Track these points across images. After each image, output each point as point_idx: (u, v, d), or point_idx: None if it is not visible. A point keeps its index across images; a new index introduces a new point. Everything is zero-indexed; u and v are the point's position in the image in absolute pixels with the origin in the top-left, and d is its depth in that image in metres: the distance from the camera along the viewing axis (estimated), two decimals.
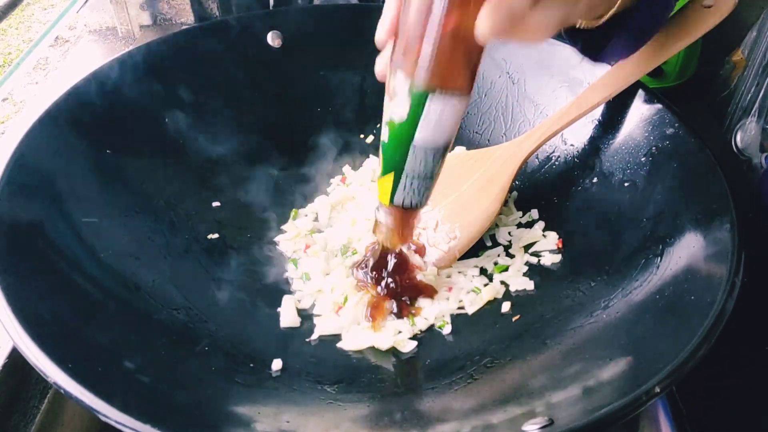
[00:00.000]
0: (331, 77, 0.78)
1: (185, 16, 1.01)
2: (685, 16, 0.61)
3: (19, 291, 0.46)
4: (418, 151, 0.46)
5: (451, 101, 0.44)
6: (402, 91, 0.43)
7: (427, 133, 0.45)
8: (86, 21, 1.03)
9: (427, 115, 0.44)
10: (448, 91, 0.43)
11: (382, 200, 0.52)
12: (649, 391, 0.40)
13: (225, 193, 0.70)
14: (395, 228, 0.54)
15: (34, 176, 0.56)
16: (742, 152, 0.76)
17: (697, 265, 0.50)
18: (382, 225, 0.55)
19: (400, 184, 0.49)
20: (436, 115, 0.44)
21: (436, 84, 0.42)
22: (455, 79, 0.43)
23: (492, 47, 0.75)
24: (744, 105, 0.78)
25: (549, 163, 0.71)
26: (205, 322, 0.57)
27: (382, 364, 0.56)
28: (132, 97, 0.68)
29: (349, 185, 0.73)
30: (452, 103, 0.44)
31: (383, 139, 0.48)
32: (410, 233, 0.56)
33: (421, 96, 0.43)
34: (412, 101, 0.43)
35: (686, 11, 0.61)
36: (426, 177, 0.49)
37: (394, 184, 0.49)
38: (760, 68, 0.76)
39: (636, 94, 0.65)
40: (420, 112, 0.44)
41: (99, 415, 0.39)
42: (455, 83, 0.43)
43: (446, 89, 0.43)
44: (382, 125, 0.47)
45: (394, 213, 0.53)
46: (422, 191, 0.50)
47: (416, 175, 0.48)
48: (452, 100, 0.44)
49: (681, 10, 0.62)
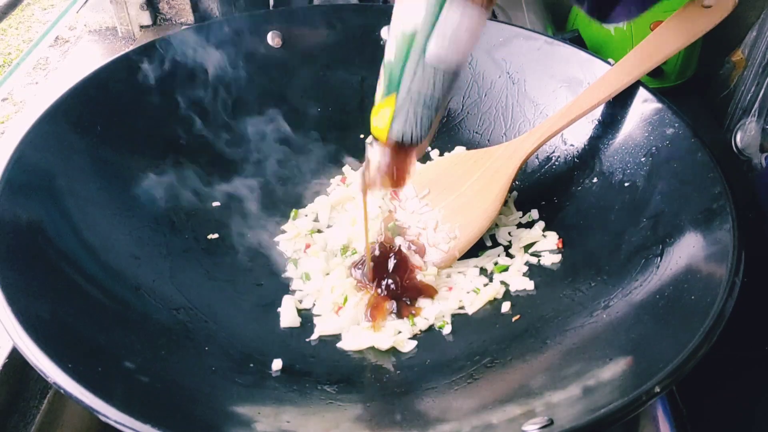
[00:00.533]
0: (331, 77, 0.78)
1: (185, 16, 1.01)
2: (685, 16, 0.61)
3: (19, 291, 0.46)
4: (427, 69, 0.42)
5: (469, 12, 0.40)
6: None
7: (441, 46, 0.41)
8: (86, 21, 1.03)
9: (444, 23, 0.40)
10: None
11: (376, 134, 0.46)
12: (649, 391, 0.40)
13: (225, 193, 0.70)
14: (389, 169, 0.48)
15: (34, 176, 0.56)
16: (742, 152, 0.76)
17: (697, 265, 0.50)
18: (373, 166, 0.49)
19: (402, 111, 0.44)
20: (454, 24, 0.41)
21: None
22: None
23: (492, 47, 0.75)
24: (744, 105, 0.78)
25: (549, 163, 0.71)
26: (205, 322, 0.57)
27: (382, 364, 0.56)
28: (132, 97, 0.68)
29: (349, 185, 0.73)
30: (470, 15, 0.41)
31: (388, 57, 0.43)
32: (404, 177, 0.50)
33: None
34: (429, 4, 0.40)
35: (686, 11, 0.61)
36: (431, 105, 0.44)
37: (395, 111, 0.44)
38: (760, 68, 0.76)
39: (636, 94, 0.65)
40: (437, 17, 0.40)
41: (99, 415, 0.39)
42: None
43: None
44: (388, 42, 0.43)
45: (390, 149, 0.47)
46: (425, 122, 0.45)
47: (421, 100, 0.43)
48: (471, 10, 0.40)
49: (681, 10, 0.62)
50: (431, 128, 0.46)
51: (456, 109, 0.78)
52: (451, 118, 0.78)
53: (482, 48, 0.76)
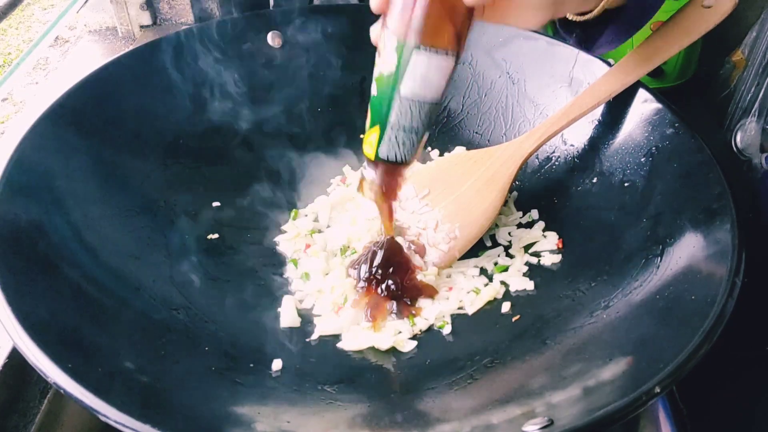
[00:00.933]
0: (331, 77, 0.78)
1: (185, 16, 1.01)
2: (685, 16, 0.61)
3: (19, 291, 0.46)
4: (403, 102, 0.49)
5: (436, 58, 0.47)
6: (390, 47, 0.47)
7: (413, 85, 0.48)
8: (86, 21, 1.03)
9: (413, 68, 0.47)
10: (433, 48, 0.47)
11: (368, 155, 0.53)
12: (649, 391, 0.40)
13: (225, 193, 0.70)
14: (381, 185, 0.55)
15: (34, 176, 0.56)
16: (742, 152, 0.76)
17: (697, 265, 0.50)
18: (367, 182, 0.56)
19: (386, 137, 0.51)
20: (422, 69, 0.47)
21: (422, 41, 0.46)
22: (441, 37, 0.47)
23: (492, 47, 0.75)
24: (744, 105, 0.78)
25: (549, 163, 0.71)
26: (205, 322, 0.57)
27: (382, 364, 0.56)
28: (131, 97, 0.68)
29: (349, 185, 0.73)
30: (437, 60, 0.47)
31: (372, 93, 0.50)
32: (395, 192, 0.57)
33: (407, 50, 0.47)
34: (399, 54, 0.47)
35: (686, 11, 0.61)
36: (411, 130, 0.51)
37: (380, 137, 0.51)
38: (760, 68, 0.76)
39: (636, 94, 0.65)
40: (406, 64, 0.47)
41: (99, 415, 0.39)
42: (441, 41, 0.47)
43: (432, 46, 0.46)
44: (373, 82, 0.50)
45: (380, 168, 0.54)
46: (407, 145, 0.52)
47: (401, 128, 0.50)
48: (437, 57, 0.47)
49: (681, 10, 0.62)
50: (416, 148, 0.53)
51: (456, 109, 0.78)
52: (451, 118, 0.78)
53: (482, 48, 0.76)
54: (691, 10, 0.61)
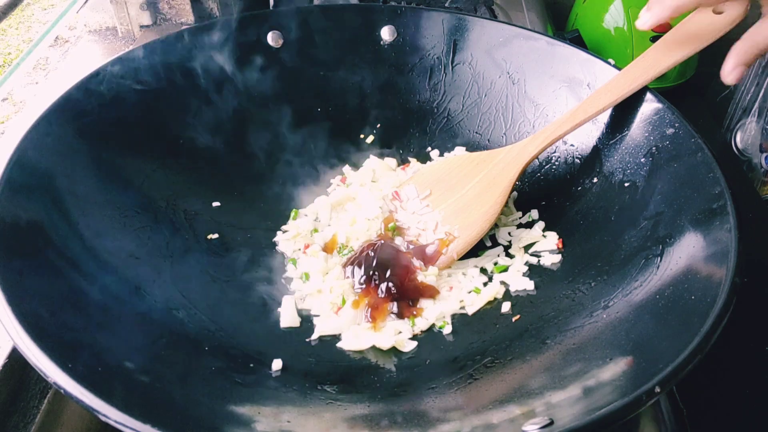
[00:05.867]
0: (331, 77, 0.78)
1: (185, 16, 1.01)
2: (696, 22, 0.60)
3: (19, 291, 0.46)
4: None
5: None
6: None
7: None
8: (86, 21, 1.03)
9: None
10: None
11: None
12: (649, 391, 0.40)
13: (225, 193, 0.70)
14: None
15: (34, 176, 0.56)
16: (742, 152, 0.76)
17: (697, 265, 0.50)
18: None
19: None
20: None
21: None
22: None
23: (492, 47, 0.75)
24: (744, 105, 0.78)
25: (549, 164, 0.71)
26: (205, 322, 0.57)
27: (382, 364, 0.56)
28: (132, 97, 0.68)
29: (349, 185, 0.73)
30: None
31: None
32: None
33: None
34: None
35: (696, 17, 0.61)
36: None
37: None
38: (760, 68, 0.76)
39: (636, 94, 0.65)
40: None
41: (99, 415, 0.39)
42: None
43: None
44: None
45: None
46: None
47: None
48: None
49: (691, 16, 0.61)
50: None
51: (456, 109, 0.78)
52: (451, 118, 0.78)
53: (482, 48, 0.76)
54: (702, 16, 0.60)
